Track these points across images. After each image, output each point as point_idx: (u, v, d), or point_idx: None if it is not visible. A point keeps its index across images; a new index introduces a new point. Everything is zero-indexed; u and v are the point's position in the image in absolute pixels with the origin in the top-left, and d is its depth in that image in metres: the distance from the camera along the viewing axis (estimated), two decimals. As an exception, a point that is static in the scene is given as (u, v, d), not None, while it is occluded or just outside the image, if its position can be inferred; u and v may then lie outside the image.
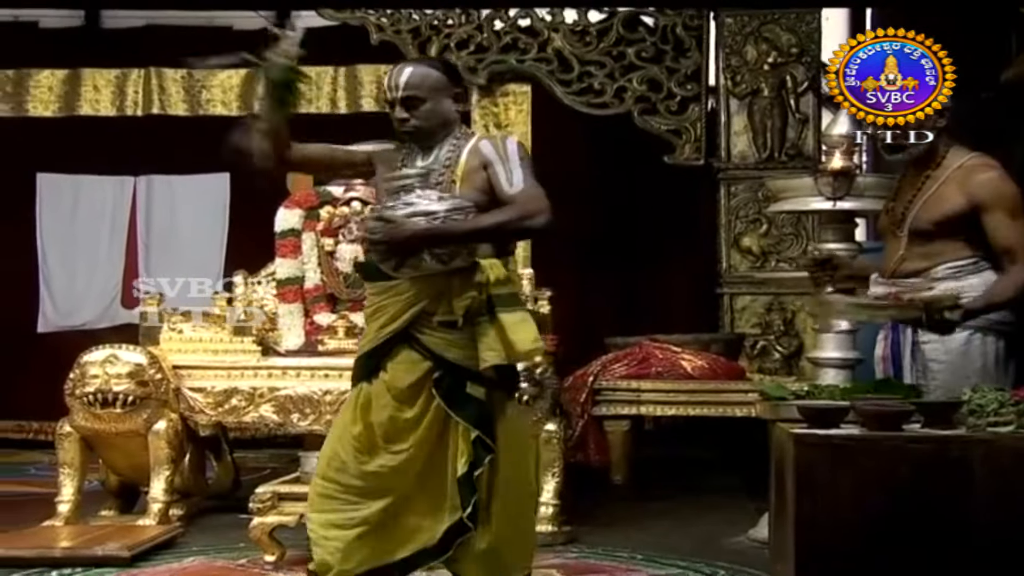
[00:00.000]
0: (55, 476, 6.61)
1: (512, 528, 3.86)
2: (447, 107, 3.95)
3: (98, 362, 6.00)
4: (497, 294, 3.84)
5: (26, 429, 9.53)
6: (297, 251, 6.76)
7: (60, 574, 4.90)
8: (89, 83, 9.59)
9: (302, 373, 6.22)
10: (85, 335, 9.00)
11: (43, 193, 9.84)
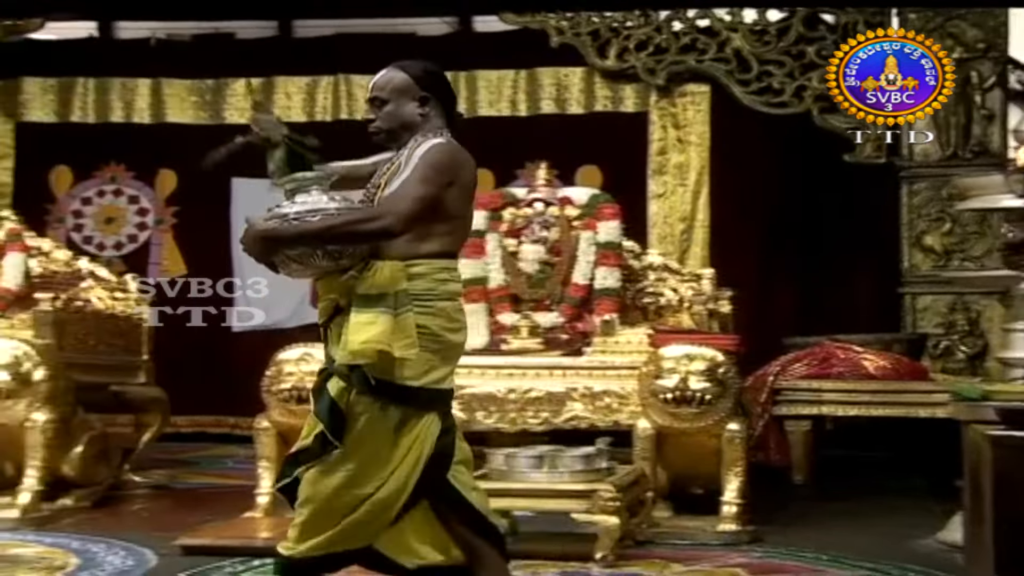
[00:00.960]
0: (252, 469, 6.89)
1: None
2: (408, 110, 3.96)
3: (293, 360, 6.20)
4: (358, 294, 3.81)
5: (223, 424, 9.91)
6: (481, 252, 6.93)
7: (262, 563, 5.08)
8: (281, 90, 9.97)
9: (487, 372, 6.36)
10: (276, 334, 9.33)
11: (238, 197, 10.21)
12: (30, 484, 6.20)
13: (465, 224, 4.00)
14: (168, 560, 5.15)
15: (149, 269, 9.82)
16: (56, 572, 4.93)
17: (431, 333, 3.82)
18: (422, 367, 3.80)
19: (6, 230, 7.22)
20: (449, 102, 4.05)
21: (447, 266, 3.91)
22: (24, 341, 6.31)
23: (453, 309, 3.90)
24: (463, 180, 3.91)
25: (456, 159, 3.92)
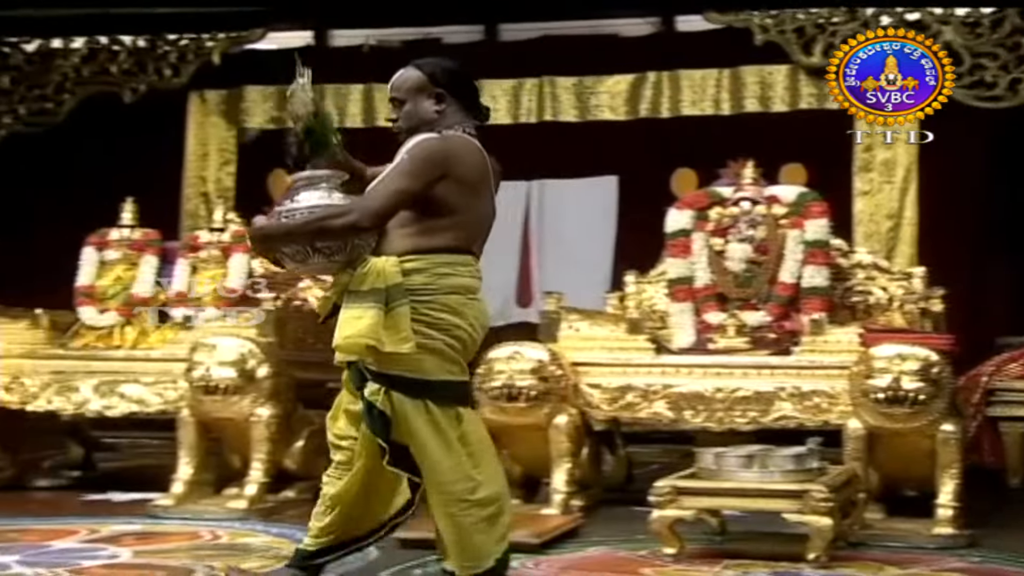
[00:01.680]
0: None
1: (441, 520, 4.08)
2: (425, 107, 4.06)
3: (503, 358, 6.30)
4: (351, 290, 3.87)
5: (432, 421, 10.12)
6: (687, 251, 6.96)
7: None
8: (487, 93, 10.10)
9: (694, 371, 6.39)
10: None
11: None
12: (256, 476, 6.46)
13: (471, 218, 4.01)
14: (387, 553, 5.29)
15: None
16: (283, 561, 5.11)
17: (431, 325, 3.91)
18: (430, 362, 3.91)
19: (232, 232, 7.53)
20: (469, 98, 4.14)
21: (451, 260, 3.95)
22: (248, 339, 6.57)
23: (458, 303, 3.96)
24: (458, 174, 3.94)
25: (447, 153, 3.95)
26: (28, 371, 6.99)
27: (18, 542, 5.53)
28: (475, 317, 4.02)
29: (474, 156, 4.02)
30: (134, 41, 9.61)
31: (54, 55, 9.81)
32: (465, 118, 4.11)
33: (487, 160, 4.08)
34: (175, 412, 6.72)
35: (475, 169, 4.01)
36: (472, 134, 4.11)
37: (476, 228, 4.06)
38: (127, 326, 7.32)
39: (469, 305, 4.00)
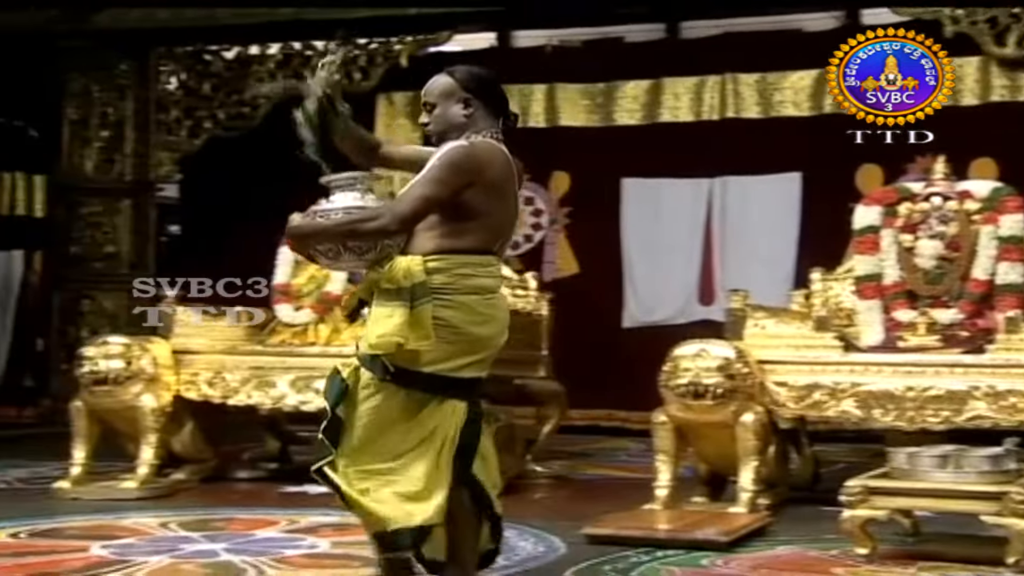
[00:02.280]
0: (645, 462, 7.07)
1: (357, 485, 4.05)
2: (454, 112, 4.15)
3: (689, 356, 6.29)
4: (380, 288, 4.01)
5: (615, 417, 10.20)
6: (876, 248, 6.85)
7: (664, 554, 5.26)
8: (670, 92, 10.18)
9: (883, 369, 6.29)
10: (665, 330, 9.53)
11: (628, 197, 10.48)
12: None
13: (495, 221, 4.11)
14: (575, 548, 5.36)
15: (543, 268, 10.20)
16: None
17: (450, 325, 4.01)
18: (437, 355, 4.01)
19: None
20: (496, 104, 4.21)
21: (472, 261, 4.07)
22: (438, 337, 6.70)
23: (478, 303, 4.06)
24: (487, 179, 4.05)
25: (475, 160, 4.05)
26: (229, 367, 7.25)
27: (224, 531, 5.77)
28: (492, 317, 4.14)
29: (500, 161, 4.13)
30: (326, 46, 9.88)
31: (251, 61, 10.16)
32: (493, 123, 4.20)
33: (512, 163, 4.19)
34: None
35: (501, 174, 4.13)
36: (499, 138, 4.20)
37: (499, 230, 4.19)
38: (321, 323, 7.54)
39: (487, 305, 4.12)
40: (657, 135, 10.22)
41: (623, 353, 10.04)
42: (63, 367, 10.94)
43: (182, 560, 5.07)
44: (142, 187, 11.03)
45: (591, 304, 10.18)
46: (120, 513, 6.27)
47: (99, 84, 10.80)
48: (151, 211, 11.33)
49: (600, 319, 10.28)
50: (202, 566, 4.96)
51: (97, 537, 5.53)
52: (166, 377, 7.13)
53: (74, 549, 5.31)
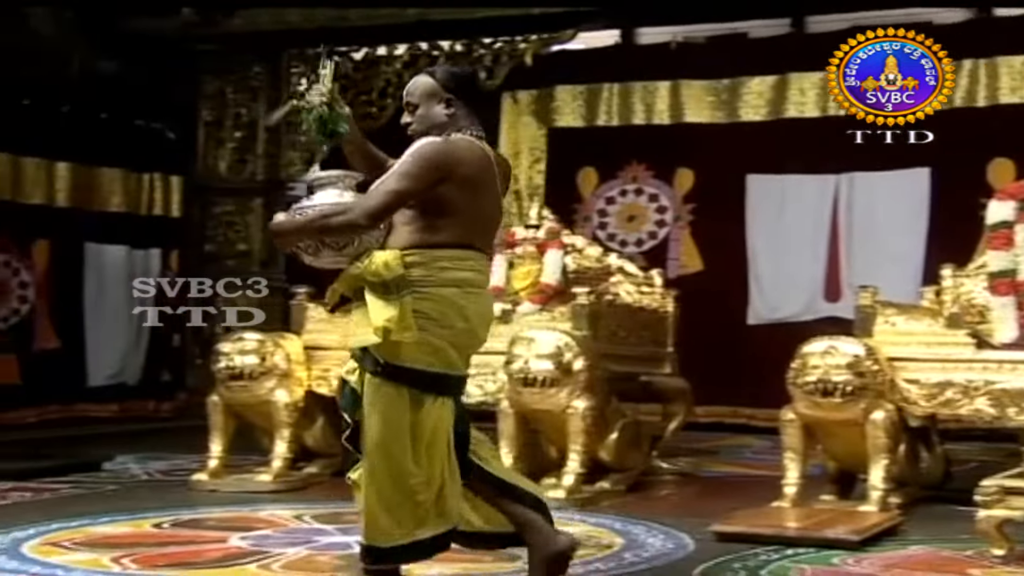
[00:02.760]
0: (771, 460, 7.04)
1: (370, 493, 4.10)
2: (436, 111, 4.20)
3: (818, 353, 6.23)
4: (367, 282, 4.04)
5: (739, 415, 10.16)
6: (1010, 243, 6.70)
7: (795, 552, 5.23)
8: (796, 87, 10.10)
9: (1018, 367, 6.17)
10: (790, 327, 9.46)
11: (752, 193, 10.43)
12: (573, 467, 6.63)
13: (473, 216, 4.13)
14: (704, 545, 5.37)
15: (667, 264, 10.19)
16: (604, 550, 5.27)
17: (431, 318, 4.04)
18: (426, 350, 4.03)
19: (547, 229, 7.76)
20: (467, 97, 4.25)
21: (449, 255, 4.08)
22: (565, 333, 6.76)
23: (457, 296, 4.08)
24: (461, 175, 4.08)
25: (448, 155, 4.09)
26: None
27: (356, 524, 5.80)
28: (473, 311, 4.15)
29: (477, 158, 4.17)
30: (452, 46, 10.00)
31: (379, 62, 10.31)
32: (474, 122, 4.26)
33: (492, 160, 4.23)
34: (494, 404, 6.95)
35: (477, 170, 4.15)
36: (480, 136, 4.24)
37: (478, 225, 4.20)
38: (447, 320, 7.60)
39: (467, 298, 4.13)
40: (782, 131, 10.15)
41: (748, 350, 10.00)
42: (198, 362, 11.25)
43: (317, 552, 5.18)
44: (273, 186, 11.27)
45: (715, 301, 10.15)
46: (256, 505, 6.43)
47: (233, 86, 11.07)
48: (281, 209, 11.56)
49: (725, 316, 10.24)
50: (336, 558, 5.07)
51: (235, 528, 5.67)
52: (298, 373, 7.28)
53: (214, 540, 5.45)
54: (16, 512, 6.10)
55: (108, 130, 10.62)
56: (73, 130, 10.33)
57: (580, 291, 7.23)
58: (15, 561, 4.85)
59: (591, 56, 10.75)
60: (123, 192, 10.81)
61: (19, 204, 9.83)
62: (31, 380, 9.94)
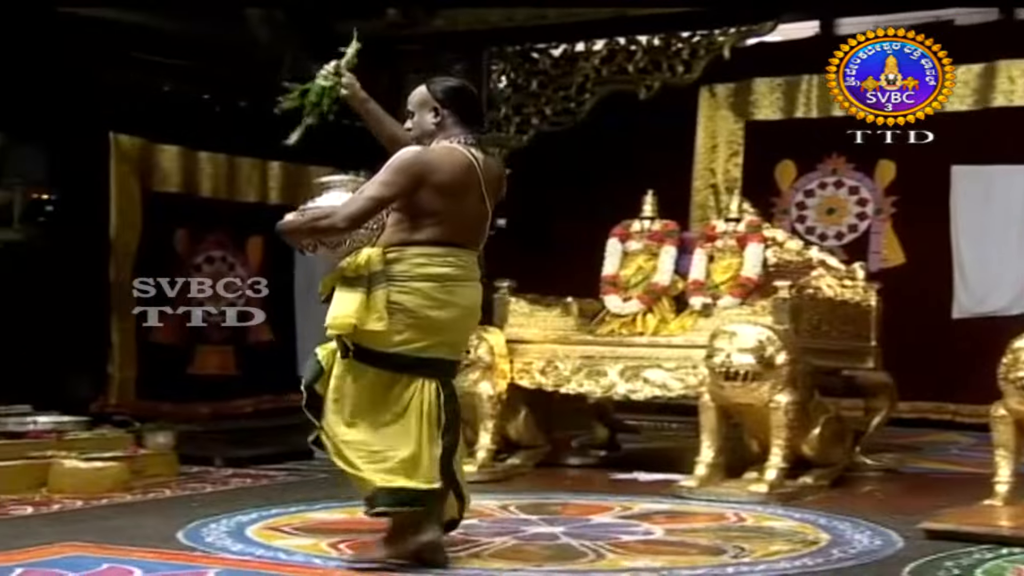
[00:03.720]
0: (977, 457, 6.89)
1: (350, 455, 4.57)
2: (427, 120, 4.69)
3: (1030, 348, 6.12)
4: (344, 276, 4.53)
5: (943, 411, 9.95)
6: None
7: (1010, 552, 5.11)
8: (1004, 75, 9.83)
9: None
10: (997, 322, 9.22)
11: (957, 185, 10.18)
12: (775, 462, 6.62)
13: (455, 217, 4.57)
14: (913, 543, 5.31)
15: (869, 258, 10.01)
16: (810, 546, 5.26)
17: (406, 309, 4.53)
18: (397, 336, 4.52)
19: (747, 222, 7.75)
20: (467, 112, 4.72)
21: (428, 252, 4.55)
22: (766, 327, 6.75)
23: (434, 289, 4.55)
24: (436, 181, 4.53)
25: (421, 164, 4.54)
26: (561, 356, 7.49)
27: (560, 515, 6.00)
28: (449, 302, 4.60)
29: (456, 164, 4.59)
30: (650, 40, 10.02)
31: (577, 58, 10.41)
32: (464, 130, 4.68)
33: (475, 166, 4.62)
34: (695, 397, 6.99)
35: (454, 175, 4.58)
36: (469, 143, 4.67)
37: (458, 225, 4.61)
38: (648, 314, 7.68)
39: (444, 291, 4.58)
40: (990, 120, 9.89)
41: (952, 344, 9.79)
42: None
43: (524, 542, 5.30)
44: (474, 183, 11.47)
45: (919, 294, 9.94)
46: (461, 495, 6.58)
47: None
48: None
49: (928, 310, 10.03)
50: (544, 548, 5.18)
51: (444, 517, 5.83)
52: (502, 365, 7.43)
53: (424, 527, 5.61)
54: (238, 497, 6.39)
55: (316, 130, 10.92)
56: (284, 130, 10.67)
57: (781, 285, 7.20)
58: (241, 544, 5.10)
59: (790, 48, 10.64)
60: (331, 189, 11.12)
61: (235, 202, 10.21)
62: (246, 371, 10.32)
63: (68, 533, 5.20)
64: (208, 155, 9.93)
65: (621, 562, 4.92)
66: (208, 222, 10.06)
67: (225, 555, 4.88)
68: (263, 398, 10.57)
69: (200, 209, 9.94)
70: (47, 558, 4.72)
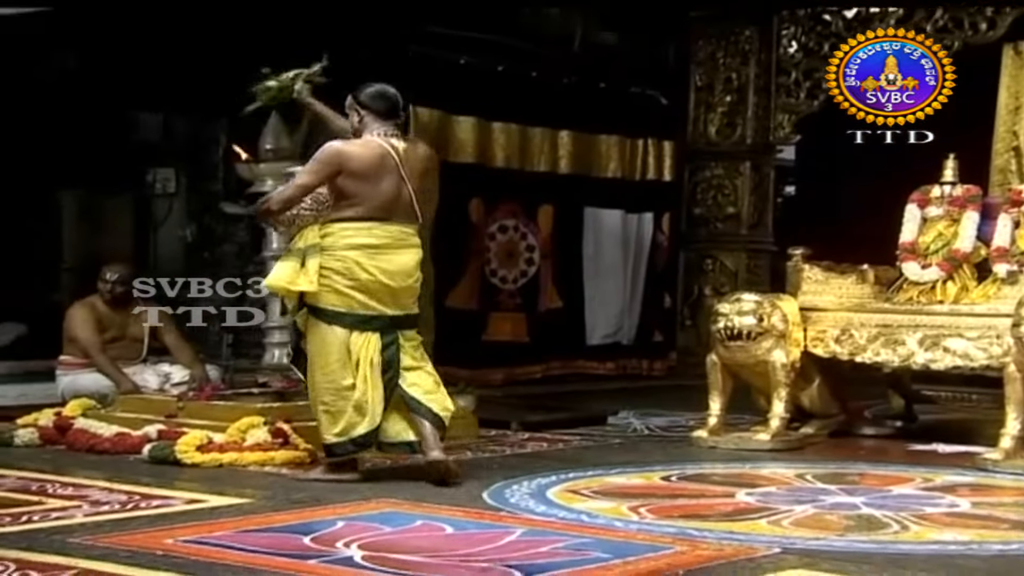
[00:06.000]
0: None
1: (312, 401, 5.72)
2: (353, 121, 5.80)
3: None
4: (287, 249, 5.78)
5: None
6: None
7: None
8: None
9: None
10: None
11: None
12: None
13: (369, 198, 5.55)
14: None
15: None
16: None
17: (339, 272, 5.53)
18: (336, 297, 5.54)
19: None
20: (382, 109, 5.69)
21: (353, 227, 5.55)
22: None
23: (360, 255, 5.53)
24: (352, 168, 5.55)
25: (338, 155, 5.59)
26: (856, 324, 7.35)
27: (858, 485, 5.91)
28: (375, 266, 5.55)
29: (368, 153, 5.58)
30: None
31: (871, 19, 10.15)
32: (383, 124, 5.69)
33: (388, 154, 5.59)
34: (999, 368, 6.74)
35: (368, 164, 5.57)
36: (389, 134, 5.67)
37: (377, 204, 5.57)
38: (949, 281, 7.43)
39: (369, 256, 5.55)
40: None
41: None
42: (687, 323, 11.56)
43: (824, 511, 5.24)
44: (762, 149, 11.38)
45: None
46: (756, 463, 6.57)
47: (724, 51, 11.27)
48: (770, 173, 11.68)
49: None
50: (845, 517, 5.11)
51: (740, 484, 5.83)
52: (795, 334, 7.34)
53: (721, 494, 5.64)
54: (536, 460, 6.55)
55: (606, 99, 11.05)
56: (574, 100, 10.83)
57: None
58: (543, 505, 5.23)
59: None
60: (619, 158, 11.20)
61: (526, 172, 10.43)
62: (537, 337, 10.55)
63: (382, 490, 5.44)
64: (501, 126, 10.17)
65: (927, 534, 4.82)
66: (501, 192, 10.31)
67: (530, 515, 5.01)
68: (552, 364, 10.79)
69: (493, 179, 10.19)
70: (365, 512, 4.97)
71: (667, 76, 11.64)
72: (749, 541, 4.56)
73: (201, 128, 11.16)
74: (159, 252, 11.46)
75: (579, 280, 10.98)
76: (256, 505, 5.15)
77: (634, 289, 11.37)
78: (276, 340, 7.72)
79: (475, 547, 4.35)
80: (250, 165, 7.66)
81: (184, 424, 6.56)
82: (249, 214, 8.02)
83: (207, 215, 11.04)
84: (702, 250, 11.72)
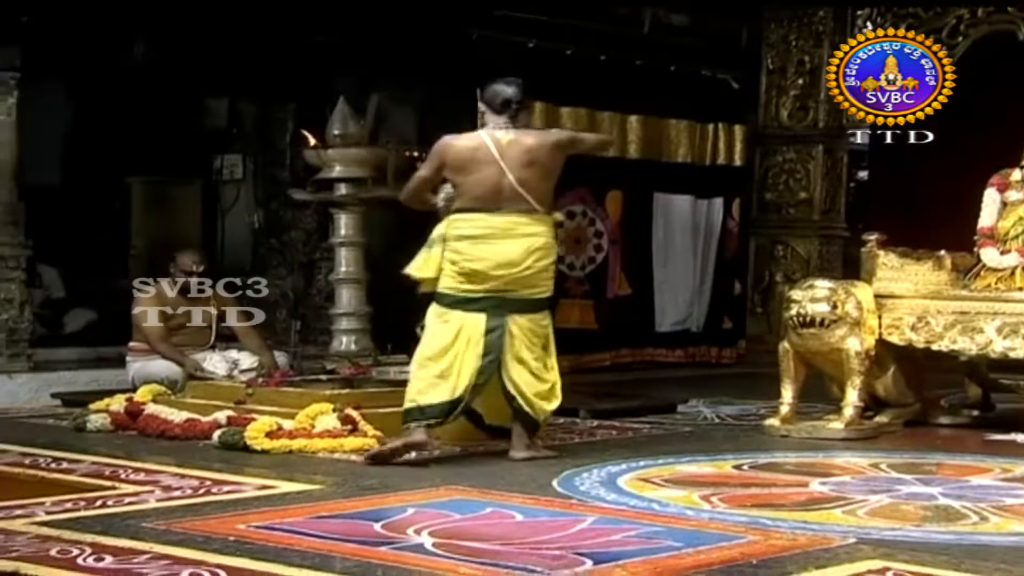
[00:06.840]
0: None
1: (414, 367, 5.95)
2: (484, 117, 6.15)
3: None
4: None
5: None
6: None
7: None
8: None
9: None
10: None
11: None
12: None
13: (470, 188, 5.82)
14: None
15: None
16: None
17: (453, 263, 5.82)
18: (449, 282, 5.83)
19: None
20: (495, 104, 5.92)
21: (463, 218, 5.83)
22: None
23: (466, 247, 5.80)
24: (448, 160, 5.90)
25: (439, 148, 5.94)
26: (933, 312, 7.20)
27: (935, 475, 5.80)
28: (479, 255, 5.79)
29: (463, 146, 5.90)
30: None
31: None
32: (494, 118, 5.93)
33: (484, 145, 5.82)
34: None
35: (461, 155, 5.86)
36: (501, 126, 5.88)
37: (476, 194, 5.81)
38: (1029, 268, 7.28)
39: (473, 247, 5.79)
40: None
41: None
42: (758, 311, 11.42)
43: (900, 501, 5.14)
44: (835, 133, 11.21)
45: None
46: (829, 452, 6.49)
47: (797, 33, 11.12)
48: (843, 157, 11.51)
49: None
50: (921, 507, 5.01)
51: (813, 473, 5.75)
52: (870, 321, 7.21)
53: (794, 484, 5.56)
54: (606, 448, 6.49)
55: (676, 82, 10.95)
56: (644, 83, 10.73)
57: None
58: (614, 493, 5.18)
59: None
60: (689, 142, 11.08)
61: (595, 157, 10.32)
62: (605, 325, 10.47)
63: (451, 477, 5.43)
64: (569, 110, 10.07)
65: (1007, 525, 4.71)
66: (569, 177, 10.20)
67: (600, 503, 4.97)
68: (621, 351, 10.72)
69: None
70: (435, 500, 4.95)
71: (738, 59, 11.49)
72: (824, 531, 4.48)
73: (269, 114, 11.18)
74: (226, 239, 11.49)
75: (648, 267, 10.88)
76: (326, 491, 5.16)
77: (704, 276, 11.25)
78: (344, 327, 7.73)
79: (546, 535, 4.32)
80: (318, 151, 7.70)
81: (253, 410, 6.58)
82: (317, 200, 8.04)
83: (274, 201, 11.06)
84: (773, 236, 11.58)
